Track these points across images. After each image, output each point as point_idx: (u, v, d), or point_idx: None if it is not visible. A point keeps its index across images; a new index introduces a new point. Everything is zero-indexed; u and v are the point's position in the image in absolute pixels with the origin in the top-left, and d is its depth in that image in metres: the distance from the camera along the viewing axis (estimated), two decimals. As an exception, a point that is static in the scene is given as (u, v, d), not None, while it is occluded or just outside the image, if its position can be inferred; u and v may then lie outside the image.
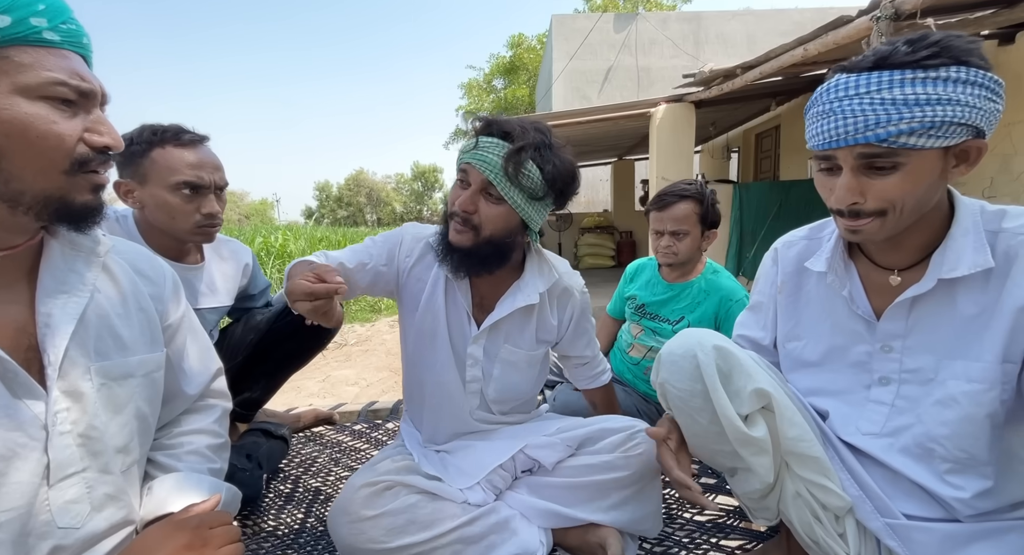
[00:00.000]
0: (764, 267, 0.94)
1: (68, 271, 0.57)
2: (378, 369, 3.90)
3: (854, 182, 0.65)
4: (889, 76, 0.61)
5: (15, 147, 0.47)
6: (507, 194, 0.85)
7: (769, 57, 3.46)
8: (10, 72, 0.47)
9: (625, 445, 0.96)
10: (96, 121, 0.53)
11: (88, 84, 0.51)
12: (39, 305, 0.55)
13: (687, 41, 10.10)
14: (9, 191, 0.49)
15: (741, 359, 0.74)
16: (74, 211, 0.53)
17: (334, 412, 1.65)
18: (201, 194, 1.05)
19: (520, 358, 1.01)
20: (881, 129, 0.61)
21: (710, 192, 1.36)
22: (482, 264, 0.91)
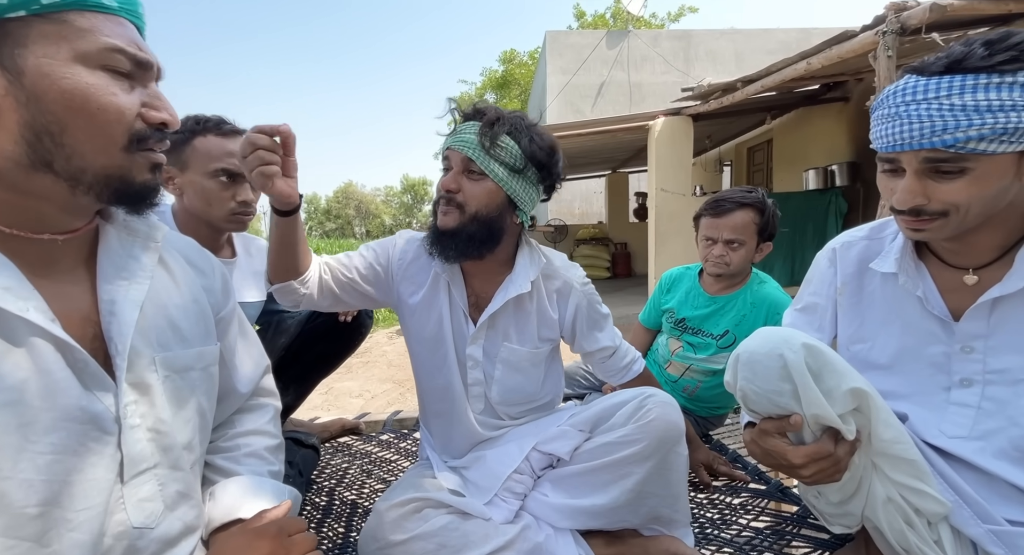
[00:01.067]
0: (819, 268, 0.92)
1: (126, 257, 0.55)
2: (381, 381, 3.82)
3: (917, 185, 0.65)
4: (962, 80, 0.60)
5: (76, 120, 0.44)
6: (487, 167, 0.85)
7: (771, 70, 3.55)
8: (70, 38, 0.43)
9: (636, 414, 0.90)
10: (153, 96, 0.50)
11: (145, 54, 0.49)
12: (101, 292, 0.52)
13: (677, 58, 10.34)
14: (71, 168, 0.46)
15: (831, 357, 0.71)
16: (134, 190, 0.50)
17: (360, 422, 1.59)
18: (237, 182, 1.06)
19: (522, 357, 0.98)
20: (948, 135, 0.60)
21: (772, 202, 1.29)
22: (471, 244, 0.87)
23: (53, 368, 0.45)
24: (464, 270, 0.98)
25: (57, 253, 0.50)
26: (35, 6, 0.42)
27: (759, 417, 0.76)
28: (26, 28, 0.42)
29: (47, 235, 0.49)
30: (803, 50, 3.22)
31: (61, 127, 0.44)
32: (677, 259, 5.09)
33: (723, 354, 1.31)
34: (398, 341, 5.01)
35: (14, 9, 0.41)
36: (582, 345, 1.06)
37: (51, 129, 0.44)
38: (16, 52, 0.42)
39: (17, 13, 0.41)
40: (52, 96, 0.43)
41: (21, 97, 0.42)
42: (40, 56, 0.42)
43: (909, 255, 0.78)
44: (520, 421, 1.03)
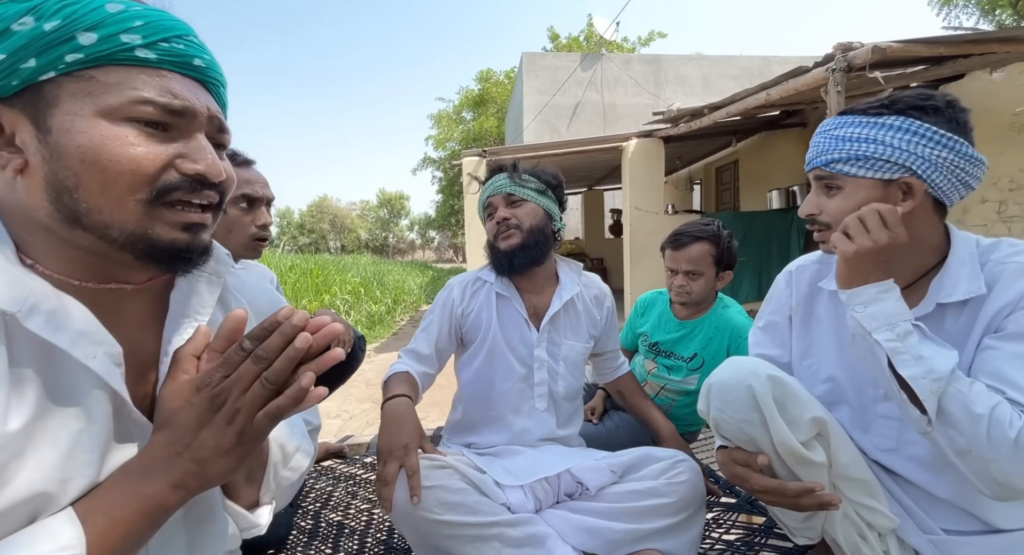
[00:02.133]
0: (777, 289, 1.01)
1: (190, 293, 0.53)
2: (360, 400, 3.77)
3: (814, 198, 0.82)
4: (845, 119, 0.78)
5: (89, 173, 0.42)
6: (524, 193, 1.12)
7: (735, 99, 3.76)
8: (94, 93, 0.42)
9: (669, 472, 0.99)
10: (195, 148, 0.46)
11: (180, 101, 0.45)
12: (166, 333, 0.51)
13: (648, 81, 10.76)
14: (95, 223, 0.43)
15: (794, 388, 0.78)
16: (161, 250, 0.46)
17: (343, 445, 1.59)
18: (255, 207, 1.11)
19: (578, 351, 1.18)
20: (822, 157, 0.78)
21: (727, 234, 1.39)
22: (536, 253, 1.11)
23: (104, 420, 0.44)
24: (519, 287, 1.18)
25: (128, 303, 0.49)
26: (61, 65, 0.41)
27: (730, 443, 0.82)
28: (57, 89, 0.42)
29: (114, 285, 0.48)
30: (764, 79, 3.45)
31: (76, 182, 0.42)
32: (652, 274, 5.25)
33: (693, 376, 1.40)
34: (376, 359, 4.96)
35: (43, 72, 0.41)
36: (603, 344, 1.27)
37: (67, 184, 0.42)
38: (49, 112, 0.42)
39: (48, 75, 0.41)
40: (70, 151, 0.42)
41: (46, 154, 0.42)
42: (66, 113, 0.42)
43: None
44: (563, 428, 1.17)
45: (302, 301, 6.18)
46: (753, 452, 0.80)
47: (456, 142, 17.15)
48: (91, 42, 0.42)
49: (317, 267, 7.31)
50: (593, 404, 1.55)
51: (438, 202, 21.42)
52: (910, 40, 2.53)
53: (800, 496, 0.74)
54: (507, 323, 1.15)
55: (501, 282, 1.16)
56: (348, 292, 6.78)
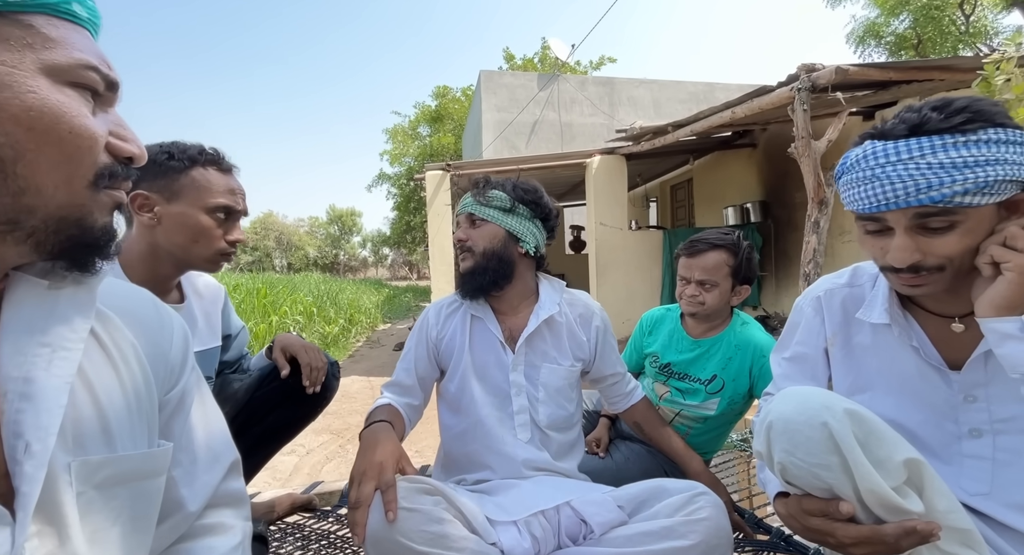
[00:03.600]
0: (804, 316, 0.90)
1: (47, 316, 0.39)
2: (317, 432, 3.43)
3: (910, 242, 0.67)
4: (930, 142, 0.64)
5: (39, 145, 0.35)
6: (482, 213, 1.04)
7: (700, 117, 3.87)
8: (36, 46, 0.35)
9: (686, 508, 0.86)
10: (119, 124, 0.41)
11: (115, 74, 0.41)
12: (6, 367, 0.37)
13: (603, 102, 11.12)
14: (16, 207, 0.35)
15: (878, 424, 0.67)
16: (92, 237, 0.40)
17: (312, 495, 1.35)
18: (232, 220, 0.99)
19: (560, 374, 1.07)
20: (935, 192, 0.63)
21: (747, 245, 1.28)
22: (491, 277, 1.03)
23: None
24: (495, 308, 1.09)
25: None
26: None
27: (798, 490, 0.70)
28: None
29: None
30: (708, 103, 3.60)
31: (17, 153, 0.34)
32: (618, 289, 5.26)
33: (713, 399, 1.29)
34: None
35: None
36: (600, 368, 1.15)
37: (2, 155, 0.34)
38: None
39: None
40: (12, 112, 0.34)
41: None
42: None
43: (896, 305, 0.78)
44: (560, 461, 1.06)
45: (249, 323, 5.69)
46: (830, 499, 0.67)
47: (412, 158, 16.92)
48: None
49: (265, 286, 6.81)
50: (597, 435, 1.41)
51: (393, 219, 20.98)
52: (866, 64, 2.68)
53: (900, 539, 0.63)
54: (481, 346, 1.07)
55: (475, 303, 1.08)
56: (299, 312, 6.34)
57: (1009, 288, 0.62)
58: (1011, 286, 0.62)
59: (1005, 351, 0.62)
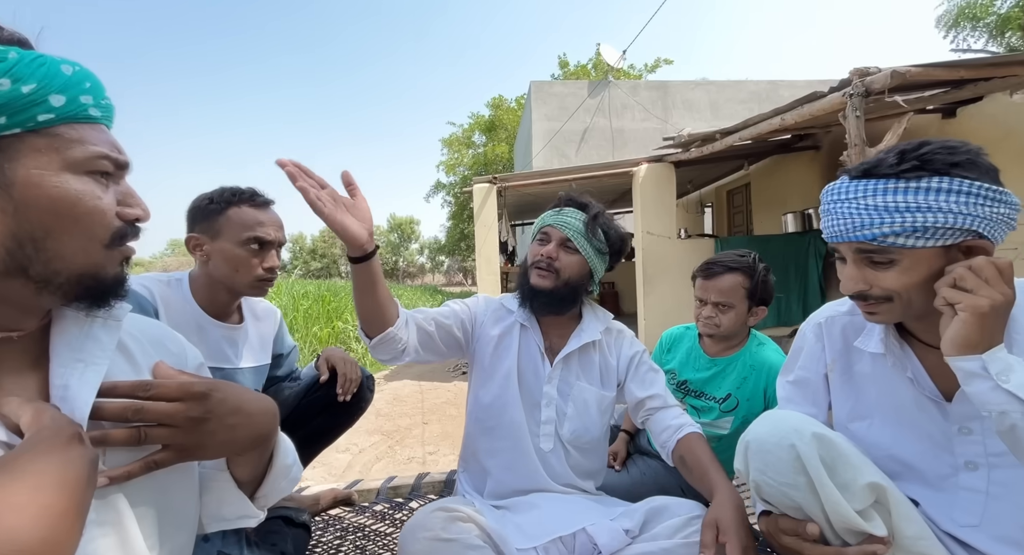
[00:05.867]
0: (806, 342, 0.93)
1: (84, 338, 0.51)
2: (369, 432, 3.68)
3: (856, 272, 0.73)
4: (874, 184, 0.69)
5: (63, 225, 0.45)
6: (582, 247, 1.07)
7: (748, 124, 3.74)
8: (60, 149, 0.45)
9: (684, 531, 0.91)
10: (127, 194, 0.51)
11: (124, 156, 0.50)
12: (53, 377, 0.48)
13: (656, 106, 10.89)
14: (47, 271, 0.45)
15: (843, 448, 0.70)
16: (105, 284, 0.50)
17: (352, 491, 1.51)
18: (265, 250, 1.11)
19: (591, 396, 1.10)
20: (867, 231, 0.68)
21: (763, 267, 1.30)
22: (559, 303, 1.09)
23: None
24: (540, 321, 1.14)
25: (7, 352, 0.48)
26: (31, 123, 0.43)
27: (776, 509, 0.74)
28: (19, 143, 0.43)
29: (1, 334, 0.47)
30: (772, 103, 3.44)
31: (46, 233, 0.44)
32: (665, 300, 5.15)
33: (726, 418, 1.30)
34: (387, 388, 4.88)
35: (10, 128, 0.42)
36: (632, 389, 1.12)
37: (35, 235, 0.44)
38: (7, 166, 0.43)
39: (12, 131, 0.42)
40: (42, 204, 0.44)
41: (8, 208, 0.43)
42: (31, 168, 0.43)
43: (893, 335, 0.79)
44: (580, 478, 1.09)
45: (312, 328, 6.16)
46: (801, 520, 0.71)
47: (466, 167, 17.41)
48: (61, 104, 0.45)
49: (329, 293, 7.33)
50: (615, 448, 1.46)
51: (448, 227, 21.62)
52: (929, 64, 2.49)
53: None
54: (525, 354, 1.12)
55: (523, 312, 1.13)
56: (359, 318, 6.76)
57: (964, 327, 0.63)
58: (965, 326, 0.63)
59: (972, 389, 0.64)
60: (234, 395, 0.54)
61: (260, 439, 0.57)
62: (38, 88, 0.43)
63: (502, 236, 5.88)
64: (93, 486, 0.41)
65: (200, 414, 0.50)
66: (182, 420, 0.50)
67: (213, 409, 0.51)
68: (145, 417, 0.49)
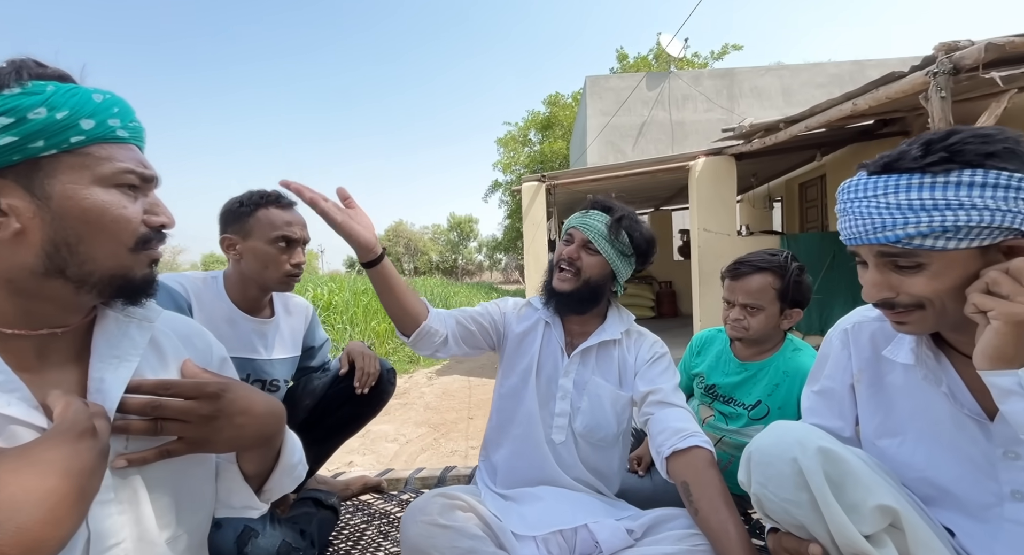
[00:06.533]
0: (832, 349, 0.85)
1: (121, 337, 0.58)
2: (417, 424, 3.82)
3: (879, 278, 0.65)
4: (896, 180, 0.61)
5: (93, 232, 0.51)
6: (603, 249, 1.08)
7: (815, 111, 3.44)
8: (91, 166, 0.51)
9: (691, 540, 0.88)
10: (153, 203, 0.57)
11: (150, 171, 0.56)
12: (92, 371, 0.54)
13: (721, 96, 10.30)
14: (82, 272, 0.52)
15: (853, 465, 0.64)
16: (135, 284, 0.56)
17: (382, 480, 1.59)
18: (292, 247, 1.19)
19: (606, 392, 1.10)
20: (890, 232, 0.61)
21: (796, 267, 1.21)
22: (580, 303, 1.10)
23: None
24: (563, 318, 1.17)
25: (53, 345, 0.54)
26: (65, 145, 0.49)
27: (780, 526, 0.69)
28: (55, 162, 0.49)
29: (46, 330, 0.53)
30: (853, 88, 3.12)
31: (79, 238, 0.51)
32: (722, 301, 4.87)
33: (755, 426, 1.22)
34: (437, 382, 5.04)
35: (48, 149, 0.49)
36: (638, 386, 1.09)
37: (69, 241, 0.50)
38: (46, 181, 0.49)
39: (49, 152, 0.49)
40: (75, 214, 0.50)
41: (47, 218, 0.49)
42: (66, 183, 0.50)
43: (926, 345, 0.71)
44: (592, 474, 1.09)
45: (371, 323, 6.50)
46: (805, 539, 0.66)
47: (522, 166, 17.48)
48: (90, 127, 0.51)
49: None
50: (639, 453, 1.41)
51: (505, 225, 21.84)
52: (1034, 33, 2.15)
53: None
54: (547, 349, 1.15)
55: (547, 310, 1.16)
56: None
57: (998, 338, 0.56)
58: (999, 335, 0.56)
59: (1009, 408, 0.56)
60: (244, 396, 0.58)
61: (265, 438, 0.62)
62: (70, 115, 0.49)
63: (551, 234, 5.85)
64: (100, 475, 0.46)
65: (210, 412, 0.55)
66: (194, 416, 0.55)
67: (223, 408, 0.56)
68: (162, 412, 0.54)
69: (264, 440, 0.63)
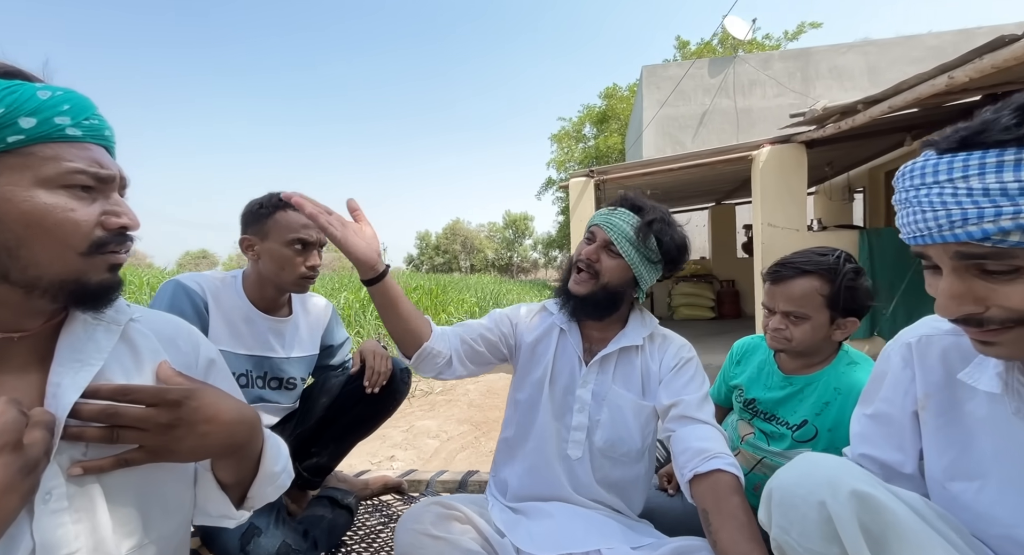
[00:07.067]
0: (891, 366, 0.70)
1: (87, 340, 0.55)
2: (459, 422, 3.84)
3: (959, 287, 0.51)
4: (980, 158, 0.47)
5: (34, 236, 0.49)
6: (626, 252, 0.99)
7: (900, 89, 3.03)
8: (32, 166, 0.49)
9: None
10: (114, 204, 0.54)
11: (106, 170, 0.53)
12: (51, 376, 0.52)
13: (793, 79, 9.49)
14: (26, 277, 0.50)
15: (900, 516, 0.51)
16: (90, 290, 0.54)
17: (403, 481, 1.58)
18: (308, 250, 1.19)
19: (628, 403, 1.02)
20: (974, 226, 0.47)
21: (850, 269, 1.03)
22: (595, 308, 1.03)
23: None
24: (580, 323, 1.09)
25: (10, 350, 0.53)
26: (2, 145, 0.47)
27: None
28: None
29: (1, 335, 0.52)
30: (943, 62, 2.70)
31: (18, 243, 0.49)
32: (791, 303, 4.46)
33: (800, 449, 1.06)
34: (482, 380, 5.05)
35: None
36: (660, 397, 1.01)
37: (8, 245, 0.48)
38: None
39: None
40: (12, 217, 0.48)
41: None
42: (4, 184, 0.48)
43: (1019, 370, 0.56)
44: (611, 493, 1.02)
45: (422, 319, 6.65)
46: None
47: (576, 162, 17.18)
48: (31, 126, 0.48)
49: (438, 287, 7.85)
50: (670, 469, 1.28)
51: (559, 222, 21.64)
52: None
53: None
54: (562, 357, 1.08)
55: (563, 316, 1.08)
56: (464, 311, 7.12)
57: None
58: None
59: None
60: (210, 404, 0.56)
61: (234, 447, 0.59)
62: (6, 113, 0.47)
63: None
64: (19, 491, 0.44)
65: (169, 420, 0.53)
66: (152, 425, 0.53)
67: (184, 417, 0.54)
68: (117, 420, 0.52)
69: (233, 449, 0.60)
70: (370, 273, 0.90)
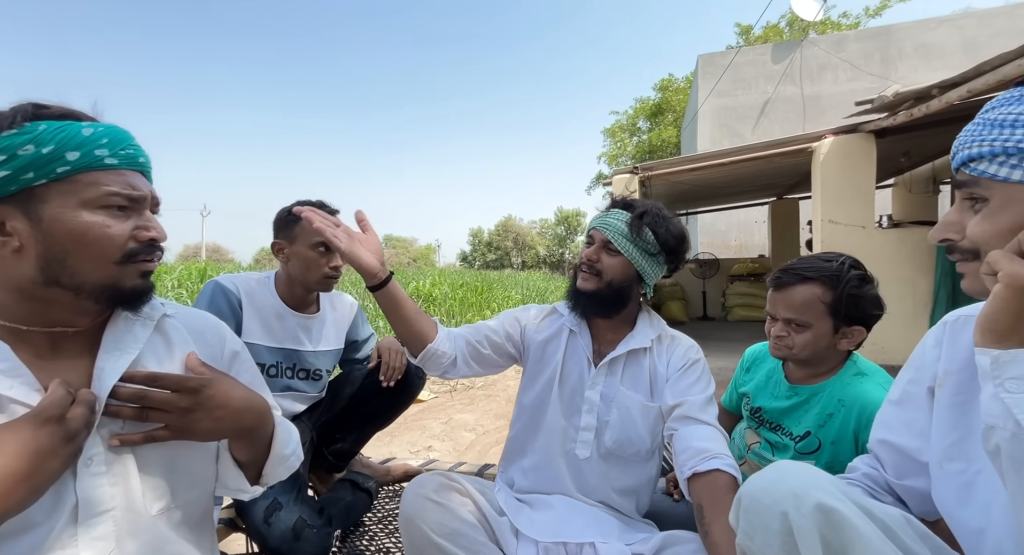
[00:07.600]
0: (924, 347, 0.69)
1: (126, 333, 0.65)
2: (496, 416, 3.93)
3: (953, 215, 0.57)
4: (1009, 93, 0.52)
5: (78, 248, 0.59)
6: (624, 248, 1.02)
7: (982, 70, 2.72)
8: (77, 191, 0.59)
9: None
10: (145, 219, 0.64)
11: (138, 192, 0.62)
12: (97, 362, 0.62)
13: (871, 60, 8.68)
14: (73, 282, 0.60)
15: (863, 534, 0.50)
16: (125, 294, 0.63)
17: (423, 469, 1.67)
18: (331, 252, 1.29)
19: (636, 405, 1.04)
20: (964, 150, 0.53)
21: (855, 276, 1.00)
22: (603, 305, 1.06)
23: None
24: (590, 325, 1.12)
25: (66, 341, 0.63)
26: (53, 175, 0.57)
27: None
28: (47, 190, 0.57)
29: (58, 328, 0.62)
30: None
31: (66, 254, 0.59)
32: (854, 306, 4.13)
33: (802, 460, 1.02)
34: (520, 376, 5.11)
35: (39, 180, 0.57)
36: (665, 398, 1.03)
37: (59, 256, 0.58)
38: (39, 207, 0.57)
39: (40, 182, 0.57)
40: (62, 234, 0.58)
41: (40, 237, 0.58)
42: (55, 207, 0.58)
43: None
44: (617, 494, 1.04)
45: (467, 316, 6.83)
46: None
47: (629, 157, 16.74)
48: (75, 158, 0.58)
49: (483, 284, 8.00)
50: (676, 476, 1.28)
51: (611, 218, 21.14)
52: None
53: None
54: (572, 358, 1.11)
55: (573, 317, 1.11)
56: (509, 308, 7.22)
57: (993, 304, 0.46)
58: (996, 301, 0.46)
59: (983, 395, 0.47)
60: (224, 392, 0.65)
61: (244, 431, 0.69)
62: (55, 149, 0.57)
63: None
64: (61, 457, 0.53)
65: (188, 405, 0.62)
66: (174, 408, 0.62)
67: (202, 402, 0.63)
68: (146, 402, 0.61)
69: (244, 432, 0.69)
70: (373, 280, 0.97)
